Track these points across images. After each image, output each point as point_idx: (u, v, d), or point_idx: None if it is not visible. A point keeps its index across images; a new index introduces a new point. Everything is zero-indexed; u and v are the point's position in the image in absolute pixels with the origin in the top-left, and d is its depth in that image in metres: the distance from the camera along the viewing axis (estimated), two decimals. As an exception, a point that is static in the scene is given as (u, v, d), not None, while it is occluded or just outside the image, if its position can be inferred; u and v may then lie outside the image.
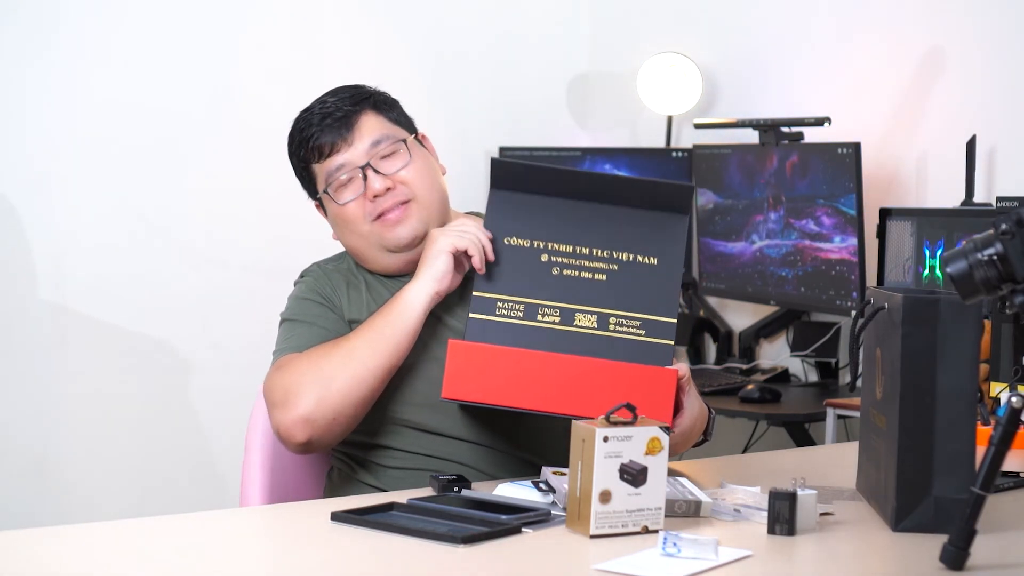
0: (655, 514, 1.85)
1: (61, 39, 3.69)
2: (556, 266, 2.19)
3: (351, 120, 2.33)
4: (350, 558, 1.76)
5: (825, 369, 3.96)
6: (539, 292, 2.17)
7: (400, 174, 2.31)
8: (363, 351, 2.19)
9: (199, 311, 3.89)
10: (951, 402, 1.90)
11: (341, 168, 2.31)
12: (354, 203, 2.31)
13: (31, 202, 3.69)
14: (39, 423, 3.70)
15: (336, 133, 2.32)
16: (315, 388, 2.17)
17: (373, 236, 2.31)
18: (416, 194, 2.32)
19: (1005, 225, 1.67)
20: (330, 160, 2.32)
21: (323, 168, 2.33)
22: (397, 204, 2.30)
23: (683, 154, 4.26)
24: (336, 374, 2.17)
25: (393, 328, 2.20)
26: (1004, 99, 3.65)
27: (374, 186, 2.29)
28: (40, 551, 1.78)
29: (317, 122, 2.34)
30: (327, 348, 2.22)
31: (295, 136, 2.38)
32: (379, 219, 2.30)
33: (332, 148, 2.32)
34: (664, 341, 2.16)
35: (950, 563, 1.71)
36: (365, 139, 2.32)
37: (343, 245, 2.39)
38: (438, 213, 2.34)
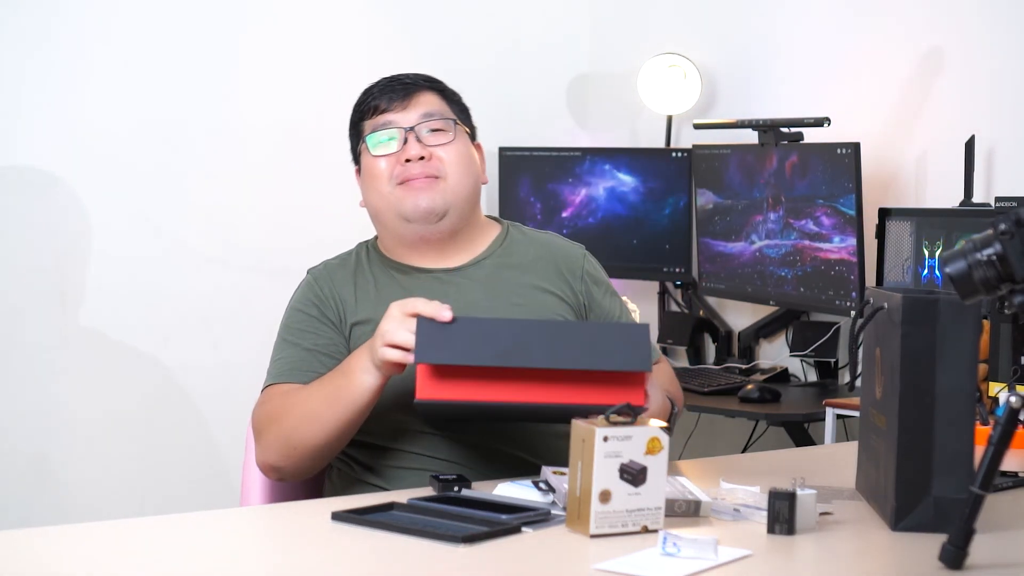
0: (655, 514, 1.85)
1: (62, 39, 3.69)
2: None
3: (411, 90, 2.38)
4: (350, 558, 1.76)
5: (825, 369, 3.96)
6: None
7: (439, 150, 2.34)
8: (322, 414, 2.18)
9: (199, 311, 3.90)
10: (950, 402, 1.90)
11: (387, 124, 2.35)
12: (386, 159, 2.34)
13: (31, 202, 3.69)
14: (39, 423, 3.70)
15: (394, 96, 2.37)
16: (278, 443, 2.22)
17: (393, 198, 2.33)
18: (447, 174, 2.33)
19: (1004, 225, 1.67)
20: (380, 117, 2.37)
21: (371, 123, 2.37)
22: (425, 175, 2.32)
23: (683, 154, 4.26)
24: (296, 431, 2.20)
25: (345, 403, 2.17)
26: (1004, 99, 3.66)
27: (411, 150, 2.33)
28: (40, 551, 1.78)
29: (381, 86, 2.40)
30: (292, 402, 2.22)
31: (358, 100, 2.43)
32: (403, 183, 2.32)
33: (386, 108, 2.36)
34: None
35: (949, 563, 1.71)
36: (419, 108, 2.36)
37: (367, 207, 2.40)
38: (465, 204, 2.36)
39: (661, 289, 4.44)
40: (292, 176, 4.05)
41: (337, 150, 4.09)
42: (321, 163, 4.09)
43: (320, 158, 4.09)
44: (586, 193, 4.38)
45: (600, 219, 4.35)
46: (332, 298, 2.34)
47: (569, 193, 4.38)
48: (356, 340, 2.30)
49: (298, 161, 4.06)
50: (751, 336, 4.14)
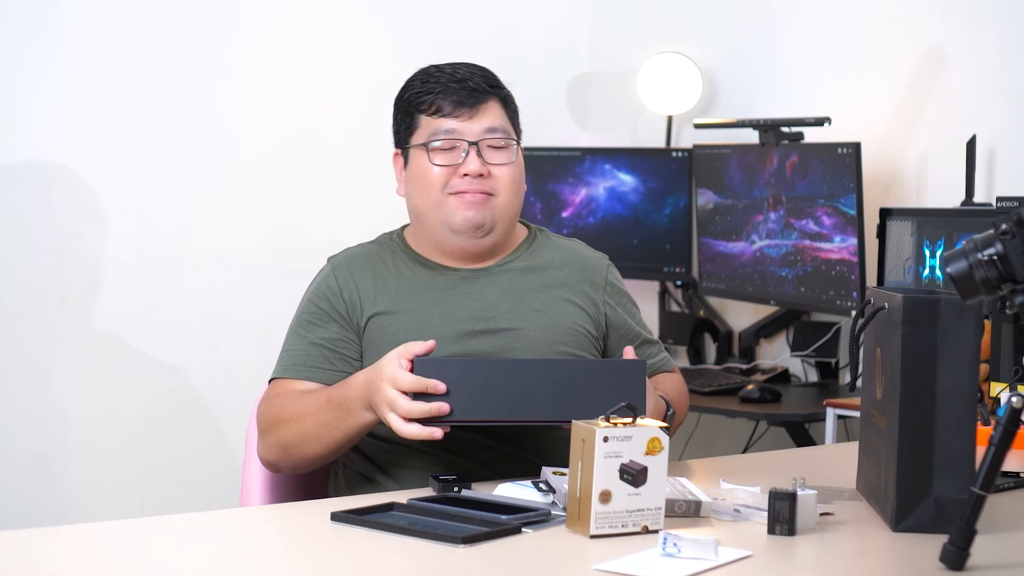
0: (655, 514, 1.85)
1: (61, 36, 3.69)
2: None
3: (480, 97, 2.34)
4: (350, 558, 1.76)
5: (825, 369, 3.96)
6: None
7: (497, 169, 2.33)
8: (320, 435, 2.20)
9: (199, 311, 3.89)
10: (951, 402, 1.90)
11: (451, 133, 2.32)
12: (443, 169, 2.32)
13: (31, 202, 3.69)
14: (39, 423, 3.69)
15: (462, 101, 2.32)
16: (277, 447, 2.26)
17: (443, 207, 2.31)
18: (500, 193, 2.33)
19: (1005, 225, 1.67)
20: (443, 120, 2.33)
21: (433, 123, 2.33)
22: (479, 191, 2.31)
23: (683, 154, 4.25)
24: (294, 443, 2.23)
25: (343, 431, 2.19)
26: (1004, 99, 3.65)
27: (470, 165, 2.31)
28: (40, 551, 1.78)
29: (446, 81, 2.34)
30: (294, 413, 2.23)
31: (414, 84, 2.37)
32: (456, 194, 2.31)
33: (451, 112, 2.32)
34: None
35: (950, 563, 1.71)
36: (485, 121, 2.33)
37: (408, 203, 2.38)
38: (510, 221, 2.37)
39: (661, 289, 4.43)
40: (292, 176, 4.05)
41: (337, 150, 4.13)
42: (322, 163, 4.10)
43: (321, 158, 4.10)
44: (586, 193, 4.37)
45: (600, 219, 4.35)
46: (347, 290, 2.33)
47: (569, 193, 4.38)
48: (372, 331, 2.31)
49: (298, 161, 4.05)
50: (752, 336, 4.14)
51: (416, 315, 2.31)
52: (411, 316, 2.31)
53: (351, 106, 4.14)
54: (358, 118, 4.12)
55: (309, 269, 2.48)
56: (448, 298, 2.32)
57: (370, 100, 4.17)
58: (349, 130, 4.11)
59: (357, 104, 4.13)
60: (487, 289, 2.35)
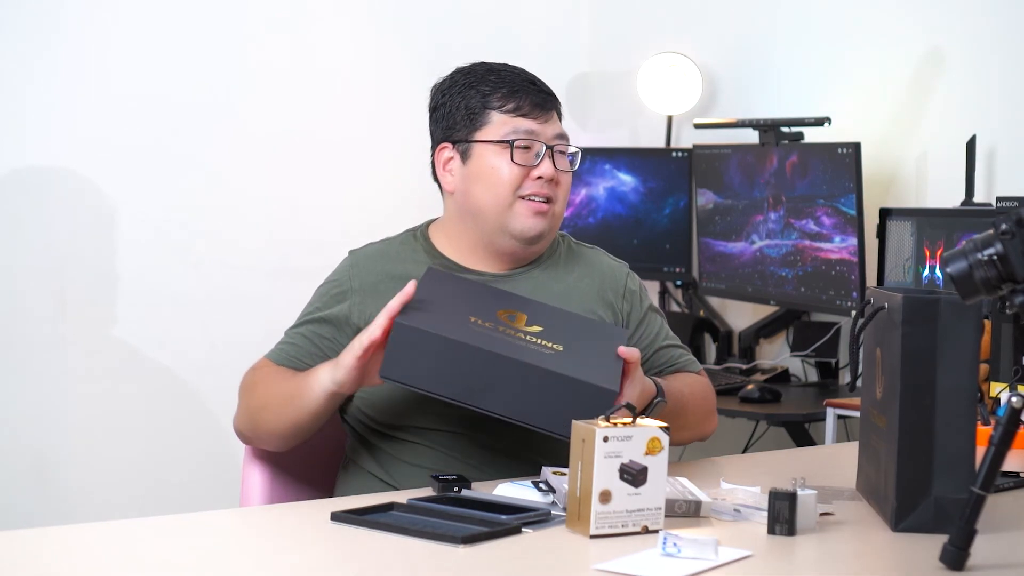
0: (655, 514, 1.85)
1: (61, 38, 3.69)
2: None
3: (552, 102, 2.36)
4: (350, 558, 1.76)
5: (825, 369, 3.96)
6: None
7: (563, 177, 2.34)
8: (280, 409, 2.24)
9: (199, 311, 3.89)
10: (951, 402, 1.90)
11: (531, 134, 2.31)
12: (520, 169, 2.31)
13: (31, 202, 3.69)
14: (39, 423, 3.69)
15: (540, 103, 2.33)
16: (246, 417, 2.31)
17: (510, 210, 2.31)
18: (559, 201, 2.34)
19: (1005, 225, 1.67)
20: (522, 120, 2.32)
21: (511, 122, 2.32)
22: (544, 197, 2.31)
23: (683, 154, 4.26)
24: (258, 413, 2.28)
25: (297, 405, 2.22)
26: (1004, 99, 3.65)
27: (546, 169, 2.31)
28: (40, 551, 1.78)
29: (520, 83, 2.34)
30: (263, 387, 2.28)
31: (480, 74, 2.35)
32: (525, 199, 2.31)
33: (530, 112, 2.32)
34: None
35: (950, 563, 1.71)
36: (557, 126, 2.35)
37: (464, 197, 2.34)
38: (555, 231, 2.38)
39: (661, 289, 4.43)
40: (293, 176, 4.05)
41: (338, 150, 4.13)
42: (322, 163, 4.10)
43: (321, 158, 4.10)
44: (586, 193, 4.37)
45: (600, 219, 4.35)
46: (358, 292, 2.33)
47: (569, 193, 4.38)
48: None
49: (299, 161, 4.05)
50: (751, 336, 4.13)
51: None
52: None
53: (351, 106, 4.14)
54: (359, 118, 4.12)
55: (310, 269, 2.49)
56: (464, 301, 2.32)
57: (370, 100, 4.19)
58: (350, 130, 4.11)
59: (358, 104, 4.13)
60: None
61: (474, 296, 2.21)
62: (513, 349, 2.09)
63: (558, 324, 2.19)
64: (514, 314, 2.18)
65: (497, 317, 2.15)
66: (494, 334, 2.11)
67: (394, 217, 2.66)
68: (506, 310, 2.18)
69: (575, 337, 2.17)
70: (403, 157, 3.86)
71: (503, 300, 2.22)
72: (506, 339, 2.11)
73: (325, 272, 2.42)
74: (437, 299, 2.14)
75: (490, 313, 2.16)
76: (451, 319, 2.11)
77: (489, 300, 2.20)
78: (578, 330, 2.20)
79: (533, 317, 2.18)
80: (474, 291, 2.23)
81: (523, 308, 2.20)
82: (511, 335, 2.13)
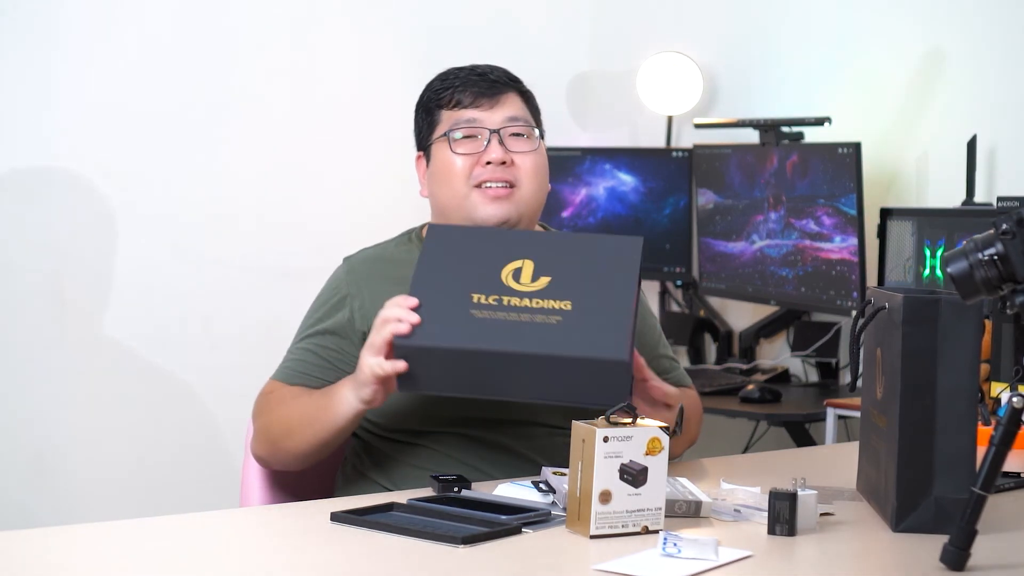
0: (655, 514, 1.85)
1: (62, 38, 3.69)
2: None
3: (500, 89, 2.35)
4: (350, 558, 1.76)
5: (825, 369, 3.95)
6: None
7: (519, 157, 2.32)
8: (303, 430, 2.23)
9: (199, 311, 3.89)
10: (951, 402, 1.90)
11: (472, 122, 2.32)
12: (465, 159, 2.31)
13: (31, 202, 3.68)
14: (39, 423, 3.69)
15: (482, 92, 2.33)
16: (265, 441, 2.30)
17: (466, 201, 2.31)
18: (522, 183, 2.32)
19: (1005, 225, 1.67)
20: (464, 111, 2.33)
21: (453, 115, 2.33)
22: (502, 182, 2.30)
23: (683, 154, 4.25)
24: (280, 438, 2.27)
25: (323, 424, 2.22)
26: (1004, 99, 3.65)
27: (492, 153, 2.30)
28: (40, 551, 1.78)
29: (465, 76, 2.35)
30: (281, 410, 2.27)
31: (435, 83, 2.38)
32: (479, 187, 2.30)
33: (472, 102, 2.33)
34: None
35: (951, 564, 1.71)
36: (505, 110, 2.34)
37: (432, 200, 2.37)
38: (534, 214, 2.36)
39: (662, 289, 4.43)
40: (293, 176, 4.05)
41: (338, 151, 4.13)
42: (322, 163, 4.10)
43: (321, 158, 4.09)
44: (586, 193, 4.37)
45: (600, 219, 4.35)
46: (357, 298, 2.32)
47: (569, 193, 4.38)
48: None
49: (299, 161, 4.05)
50: (752, 336, 4.13)
51: None
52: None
53: (351, 108, 4.14)
54: (357, 120, 4.12)
55: (309, 269, 2.48)
56: None
57: (368, 102, 4.19)
58: (349, 131, 4.11)
59: (357, 106, 4.13)
60: None
61: (479, 254, 2.16)
62: (516, 336, 2.05)
63: (567, 263, 2.15)
64: (520, 266, 2.14)
65: (501, 282, 2.12)
66: (496, 317, 2.08)
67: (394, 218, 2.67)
68: (512, 262, 2.14)
69: (586, 278, 2.13)
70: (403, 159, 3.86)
71: (510, 247, 2.17)
72: (508, 322, 2.08)
73: (325, 273, 2.41)
74: (439, 276, 2.13)
75: (494, 276, 2.12)
76: (451, 311, 2.09)
77: (495, 253, 2.16)
78: (589, 265, 2.15)
79: (541, 263, 2.14)
80: (479, 246, 2.18)
81: (530, 252, 2.15)
82: (514, 308, 2.09)
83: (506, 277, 2.13)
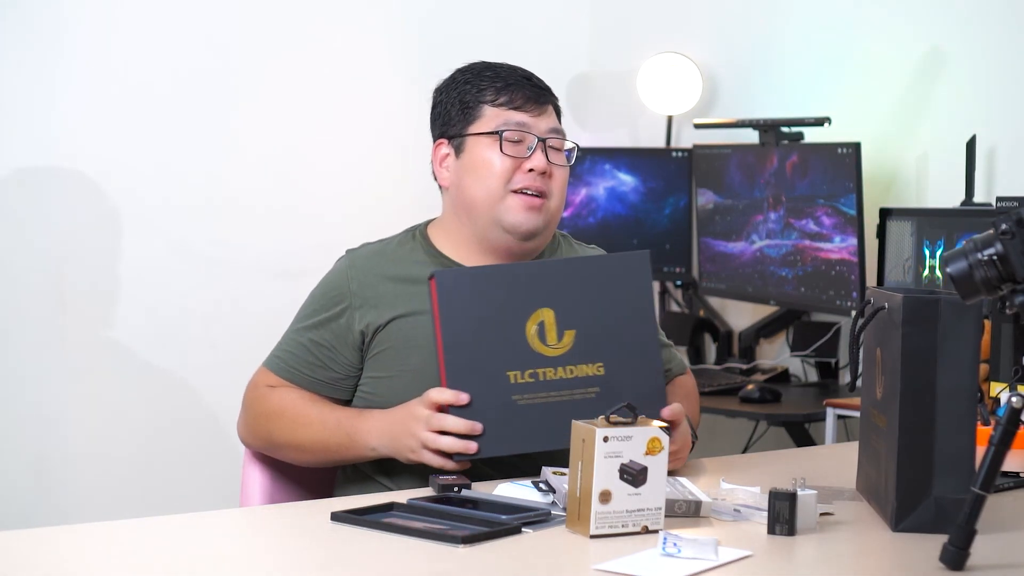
0: (655, 514, 1.85)
1: (63, 37, 3.69)
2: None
3: (547, 97, 2.35)
4: (350, 558, 1.76)
5: (825, 369, 3.96)
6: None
7: (556, 170, 2.33)
8: (315, 453, 2.26)
9: (199, 311, 3.89)
10: (951, 402, 1.90)
11: (522, 126, 2.31)
12: (511, 161, 2.30)
13: (31, 202, 3.68)
14: (39, 424, 3.69)
15: (533, 97, 2.32)
16: (262, 440, 2.33)
17: (502, 203, 2.30)
18: (553, 195, 2.33)
19: (1005, 225, 1.67)
20: (514, 113, 2.31)
21: (503, 114, 2.31)
22: (538, 191, 2.30)
23: (683, 154, 4.26)
24: (282, 445, 2.30)
25: (340, 458, 2.26)
26: (1004, 99, 3.65)
27: (538, 161, 2.30)
28: (40, 551, 1.78)
29: (515, 76, 2.34)
30: (291, 415, 2.27)
31: (477, 71, 2.36)
32: (518, 193, 2.30)
33: (523, 105, 2.32)
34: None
35: (950, 563, 1.71)
36: (551, 120, 2.34)
37: (458, 192, 2.34)
38: (554, 226, 2.37)
39: (662, 289, 4.43)
40: (293, 176, 4.05)
41: (338, 151, 4.13)
42: (322, 163, 4.10)
43: (321, 158, 4.09)
44: (586, 193, 4.37)
45: (600, 219, 4.35)
46: (359, 296, 2.32)
47: (569, 193, 4.37)
48: (392, 334, 2.30)
49: (299, 161, 4.05)
50: (751, 336, 4.13)
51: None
52: (431, 321, 2.29)
53: (349, 108, 4.14)
54: (357, 120, 4.12)
55: (309, 269, 2.48)
56: None
57: (368, 102, 4.19)
58: (348, 131, 4.11)
59: (355, 106, 4.13)
60: None
61: (498, 308, 2.15)
62: (562, 426, 1.96)
63: (583, 300, 2.15)
64: (542, 319, 2.15)
65: (530, 349, 2.13)
66: (536, 401, 2.13)
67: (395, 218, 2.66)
68: (533, 314, 2.14)
69: (607, 322, 2.14)
70: (405, 158, 3.87)
71: (525, 292, 2.16)
72: (551, 406, 2.13)
73: (325, 272, 2.41)
74: (468, 350, 2.13)
75: (521, 341, 2.13)
76: (496, 405, 2.12)
77: (513, 304, 2.15)
78: (605, 295, 2.16)
79: (561, 312, 2.15)
80: (494, 295, 2.16)
81: (546, 296, 2.15)
82: (552, 385, 2.13)
83: (532, 339, 2.14)
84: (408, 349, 2.28)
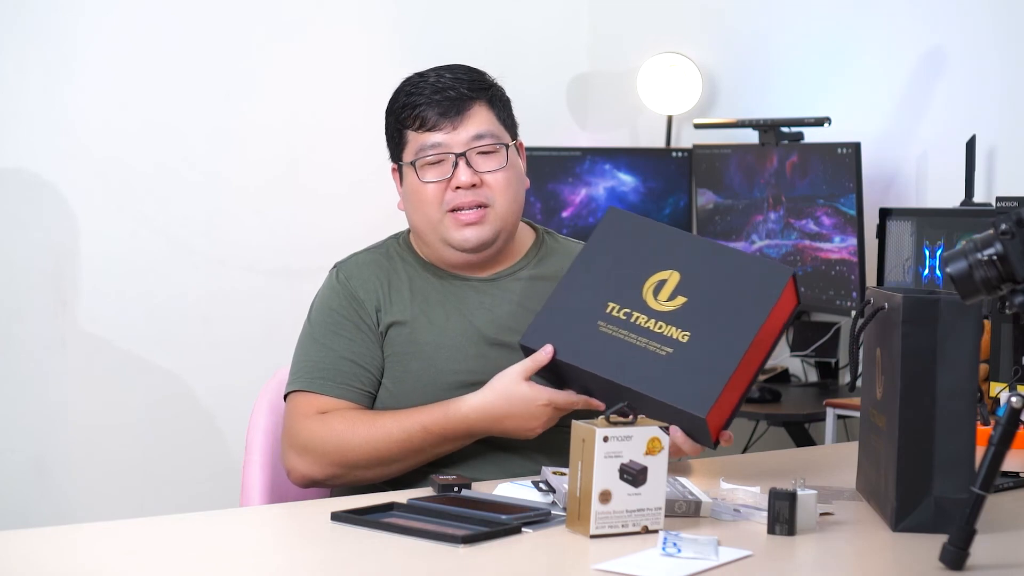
0: (655, 514, 1.85)
1: (57, 38, 3.69)
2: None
3: (463, 105, 2.29)
4: (350, 558, 1.76)
5: (825, 369, 3.96)
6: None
7: (489, 176, 2.29)
8: (395, 458, 2.21)
9: (199, 311, 3.89)
10: (951, 402, 1.90)
11: (437, 147, 2.28)
12: (435, 186, 2.28)
13: (29, 204, 3.68)
14: (39, 424, 3.69)
15: (445, 112, 2.28)
16: (334, 467, 2.21)
17: (441, 226, 2.28)
18: (496, 201, 2.29)
19: (1005, 225, 1.67)
20: (429, 135, 2.28)
21: (419, 139, 2.29)
22: (475, 205, 2.27)
23: (683, 154, 4.26)
24: (361, 465, 2.21)
25: (429, 455, 2.22)
26: (1004, 99, 3.65)
27: (461, 177, 2.26)
28: (40, 551, 1.78)
29: (428, 93, 2.29)
30: (363, 434, 2.20)
31: (399, 98, 2.33)
32: (452, 212, 2.27)
33: (435, 124, 2.28)
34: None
35: (950, 563, 1.71)
36: (470, 129, 2.28)
37: (408, 220, 2.35)
38: (512, 225, 2.33)
39: (661, 289, 4.43)
40: (292, 176, 4.05)
41: (336, 151, 4.13)
42: (321, 163, 4.10)
43: (319, 159, 4.10)
44: (586, 193, 4.37)
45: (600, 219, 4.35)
46: (367, 300, 2.31)
47: (569, 193, 4.38)
48: (392, 341, 2.29)
49: (297, 161, 4.05)
50: (751, 336, 4.13)
51: (435, 325, 2.29)
52: (430, 326, 2.29)
53: (349, 107, 4.14)
54: (356, 120, 4.12)
55: (308, 269, 2.48)
56: (463, 309, 2.31)
57: (368, 102, 4.16)
58: (347, 131, 4.11)
59: (355, 105, 4.12)
60: (499, 300, 2.33)
61: (638, 252, 2.19)
62: (621, 364, 2.07)
63: (711, 282, 2.15)
64: (666, 279, 2.15)
65: (640, 296, 2.14)
66: (617, 335, 2.12)
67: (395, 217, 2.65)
68: (660, 272, 2.16)
69: (719, 307, 2.13)
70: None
71: (669, 253, 2.18)
72: (624, 344, 2.11)
73: (324, 273, 2.40)
74: (593, 270, 2.18)
75: (637, 287, 2.15)
76: (583, 320, 2.14)
77: (652, 256, 2.17)
78: (730, 288, 2.15)
79: (687, 278, 2.15)
80: (644, 244, 2.20)
81: (682, 263, 2.16)
82: (638, 329, 2.12)
83: (647, 289, 2.15)
84: (407, 355, 2.28)
